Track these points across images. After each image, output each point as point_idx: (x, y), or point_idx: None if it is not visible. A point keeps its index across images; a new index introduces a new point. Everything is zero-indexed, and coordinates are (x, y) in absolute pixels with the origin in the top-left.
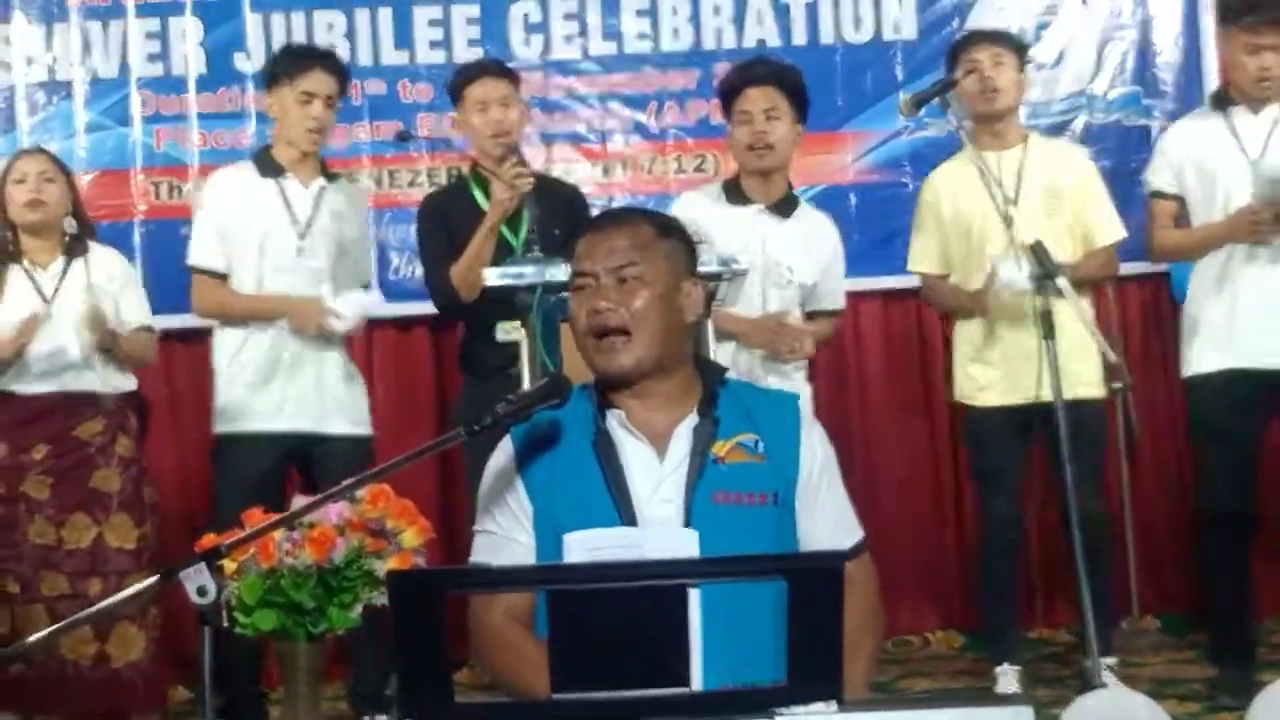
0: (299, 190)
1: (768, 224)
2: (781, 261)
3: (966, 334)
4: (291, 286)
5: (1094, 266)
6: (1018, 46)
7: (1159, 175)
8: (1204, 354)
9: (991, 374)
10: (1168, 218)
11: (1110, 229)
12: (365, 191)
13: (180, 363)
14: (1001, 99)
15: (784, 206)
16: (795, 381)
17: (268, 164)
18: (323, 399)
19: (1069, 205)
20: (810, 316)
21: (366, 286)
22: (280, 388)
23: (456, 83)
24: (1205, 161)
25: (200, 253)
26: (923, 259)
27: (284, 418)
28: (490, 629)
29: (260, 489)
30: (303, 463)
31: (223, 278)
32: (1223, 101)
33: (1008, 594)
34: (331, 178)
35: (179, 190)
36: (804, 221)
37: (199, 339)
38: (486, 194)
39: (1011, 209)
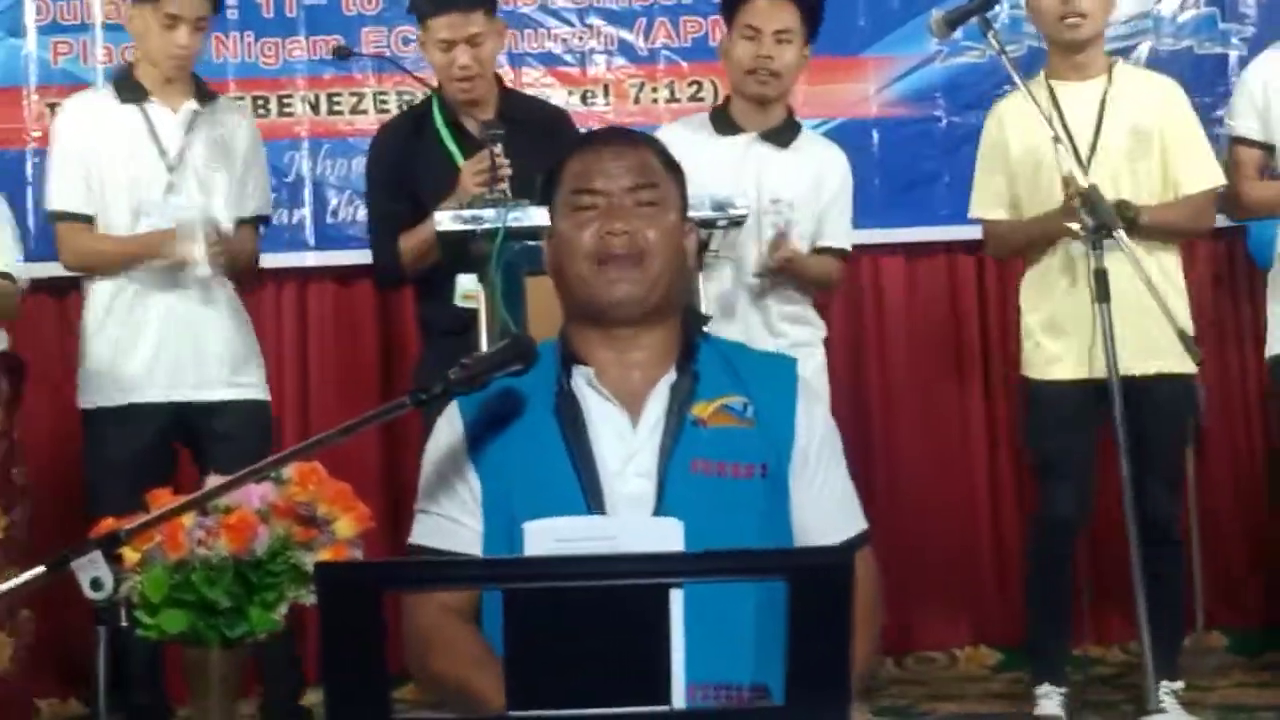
0: (166, 116)
1: (763, 154)
2: (781, 197)
3: (1036, 294)
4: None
5: (1176, 216)
6: None
7: (1242, 119)
8: None
9: (1063, 342)
10: (1253, 168)
11: (1200, 174)
12: (248, 111)
13: (75, 320)
14: (1087, 26)
15: (782, 134)
16: (809, 346)
17: (129, 87)
18: (203, 360)
19: (1158, 147)
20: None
21: (258, 224)
22: (151, 349)
23: (419, 8)
24: None
25: (59, 195)
26: (987, 203)
27: (157, 386)
28: (423, 626)
29: (138, 474)
30: (189, 439)
31: (87, 220)
32: None
33: (1060, 606)
34: (207, 98)
35: None
36: (806, 151)
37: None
38: (453, 130)
39: (1089, 151)
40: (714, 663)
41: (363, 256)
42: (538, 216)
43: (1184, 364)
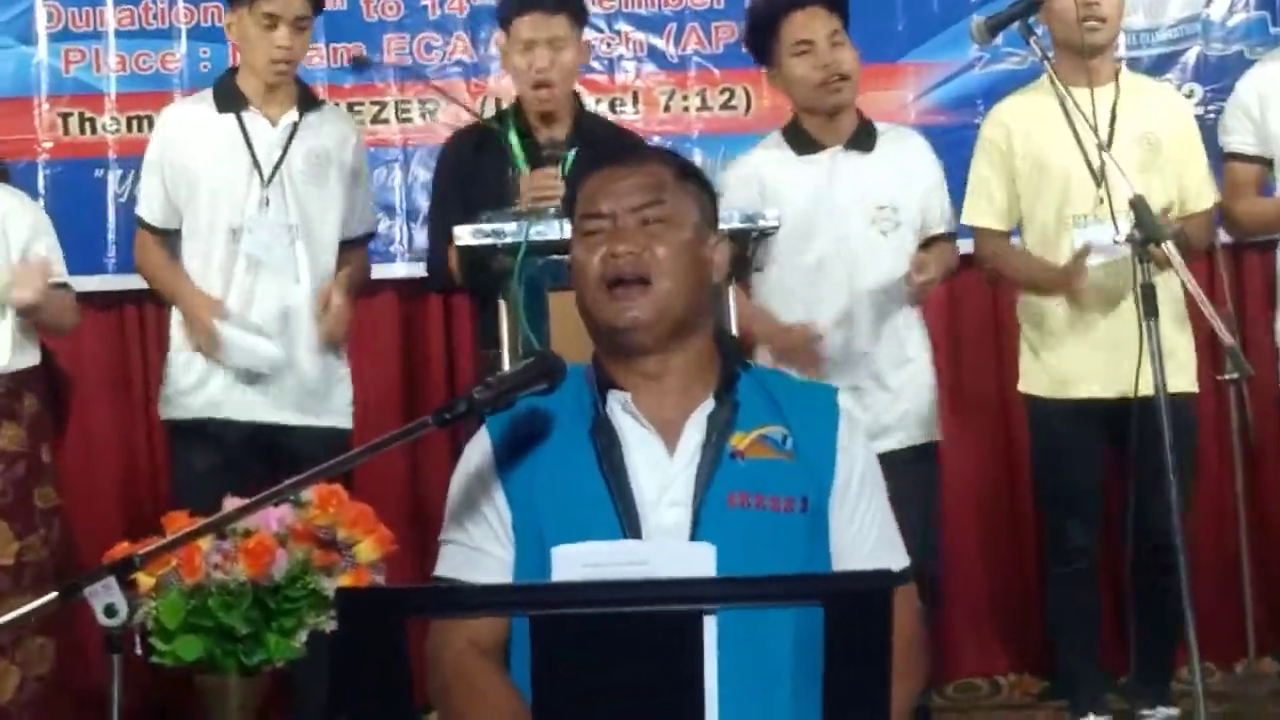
0: (264, 128)
1: (852, 164)
2: (885, 203)
3: (1036, 308)
4: (258, 249)
5: (1194, 231)
6: None
7: (1236, 134)
8: None
9: (1070, 360)
10: (1251, 185)
11: (1206, 190)
12: (353, 122)
13: (97, 333)
14: (1105, 30)
15: (863, 139)
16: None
17: (228, 95)
18: (284, 383)
19: (1166, 158)
20: (924, 246)
21: (363, 242)
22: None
23: (504, 10)
24: None
25: (141, 203)
26: (981, 210)
27: (233, 404)
28: (448, 661)
29: (219, 485)
30: (268, 461)
31: (164, 235)
32: None
33: (1085, 633)
34: (311, 106)
35: (92, 124)
36: (890, 149)
37: (119, 304)
38: (525, 143)
39: (1105, 157)
40: (751, 697)
41: (385, 270)
42: (560, 231)
43: (1189, 382)
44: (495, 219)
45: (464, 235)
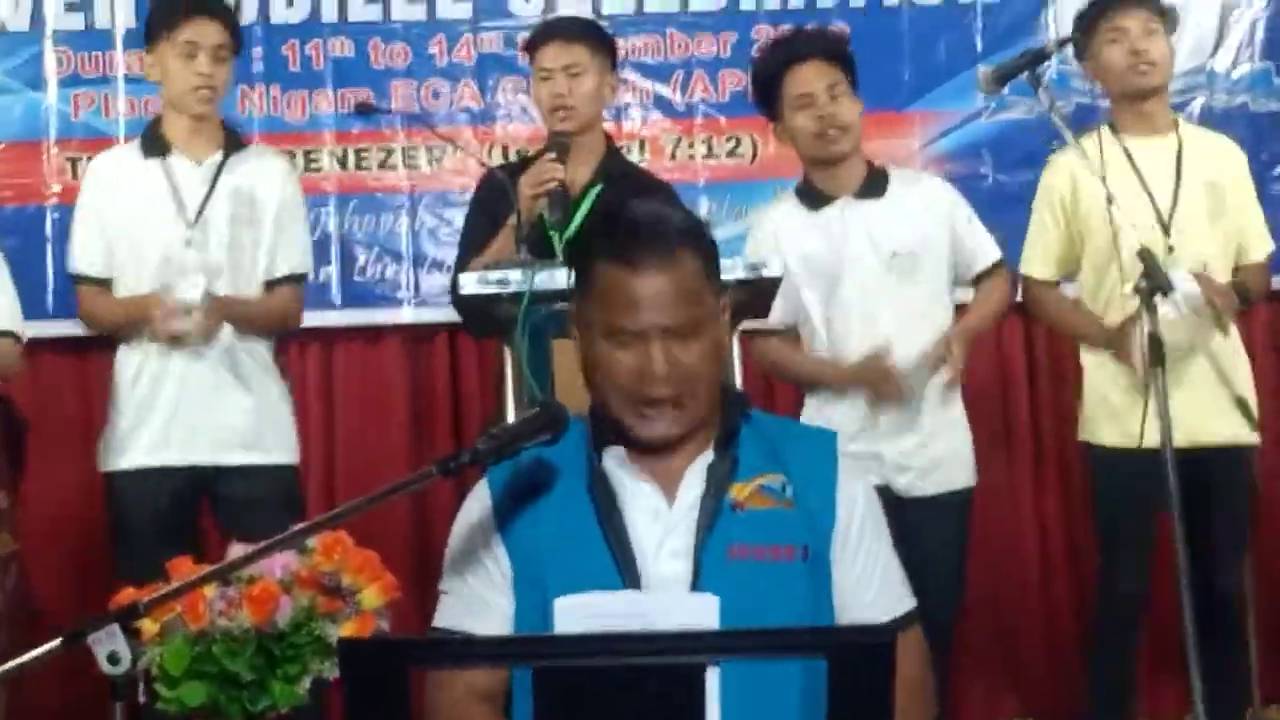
0: (188, 170)
1: (864, 212)
2: (899, 249)
3: (1098, 355)
4: (182, 289)
5: (1253, 281)
6: (1164, 10)
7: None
8: None
9: (1125, 408)
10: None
11: (1263, 238)
12: (284, 160)
13: (94, 378)
14: (1157, 74)
15: (873, 186)
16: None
17: (153, 141)
18: (222, 423)
19: (1228, 207)
20: (976, 284)
21: (295, 281)
22: (169, 411)
23: (528, 45)
24: None
25: (76, 256)
26: (1034, 259)
27: (173, 448)
28: (446, 709)
29: (158, 537)
30: (212, 503)
31: (104, 284)
32: None
33: (1125, 681)
34: (235, 148)
35: None
36: (903, 193)
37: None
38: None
39: (1170, 208)
40: None
41: (391, 315)
42: (564, 279)
43: (1247, 432)
44: (500, 266)
45: (468, 283)
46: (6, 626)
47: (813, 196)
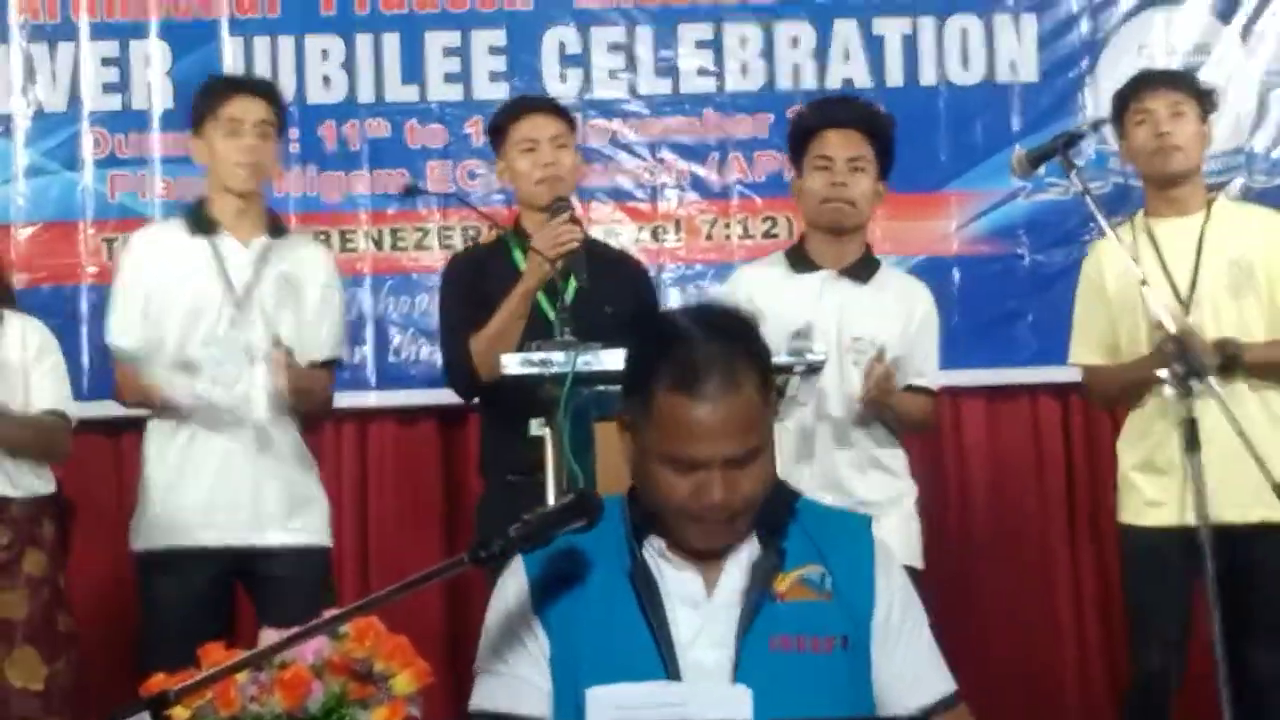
0: (236, 249)
1: (843, 290)
2: (862, 335)
3: (1133, 437)
4: (210, 364)
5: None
6: (1200, 92)
7: None
8: None
9: (1160, 489)
10: None
11: None
12: (325, 248)
13: (128, 457)
14: (1179, 159)
15: (861, 270)
16: (897, 480)
17: (199, 220)
18: (259, 503)
19: (1263, 279)
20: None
21: (331, 366)
22: (205, 492)
23: (499, 120)
24: None
25: (117, 331)
26: (1085, 349)
27: (211, 529)
28: None
29: (190, 621)
30: (247, 585)
31: (141, 358)
32: None
33: None
34: (279, 233)
35: None
36: (887, 286)
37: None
38: (527, 255)
39: (1189, 288)
40: None
41: (426, 396)
42: (608, 361)
43: None
44: (543, 348)
45: (511, 364)
46: (74, 706)
47: (800, 261)
